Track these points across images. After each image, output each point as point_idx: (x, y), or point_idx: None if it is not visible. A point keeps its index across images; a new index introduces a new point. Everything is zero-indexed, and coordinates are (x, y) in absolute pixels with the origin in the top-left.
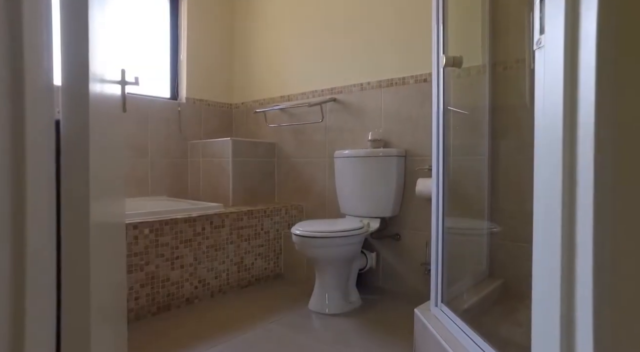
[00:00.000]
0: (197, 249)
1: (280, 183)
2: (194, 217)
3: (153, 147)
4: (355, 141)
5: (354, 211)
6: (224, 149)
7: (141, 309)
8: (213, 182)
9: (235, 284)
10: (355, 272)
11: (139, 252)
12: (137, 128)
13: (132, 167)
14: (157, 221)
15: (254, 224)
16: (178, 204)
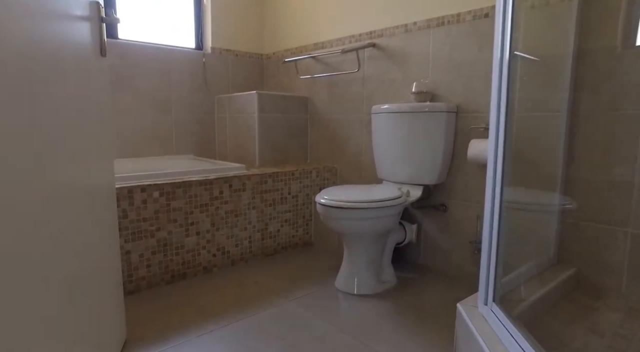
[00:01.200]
0: (214, 215)
1: (313, 142)
2: (210, 179)
3: (177, 103)
4: (397, 94)
5: (393, 176)
6: (249, 104)
7: (153, 277)
8: (240, 140)
9: (259, 252)
10: (391, 247)
11: (148, 217)
12: (158, 82)
13: (155, 124)
14: (168, 184)
15: (279, 188)
16: (196, 164)
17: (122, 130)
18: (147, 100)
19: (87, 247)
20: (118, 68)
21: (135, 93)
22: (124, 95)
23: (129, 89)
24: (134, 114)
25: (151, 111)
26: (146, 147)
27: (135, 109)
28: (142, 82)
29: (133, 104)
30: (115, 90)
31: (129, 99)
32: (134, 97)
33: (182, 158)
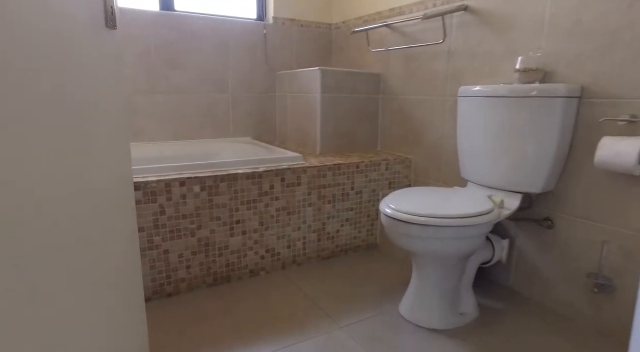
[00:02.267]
0: (263, 212)
1: (384, 127)
2: (259, 172)
3: (234, 80)
4: (494, 72)
5: (482, 177)
6: (311, 82)
7: (194, 279)
8: (301, 123)
9: (314, 255)
10: (474, 268)
11: (188, 214)
12: (215, 57)
13: (210, 103)
14: (211, 177)
15: (341, 182)
16: (249, 150)
17: (175, 110)
18: (202, 77)
19: (88, 253)
20: (173, 42)
21: (190, 69)
22: (178, 71)
23: (184, 65)
24: (188, 92)
25: (207, 89)
26: (201, 128)
27: (190, 87)
28: (198, 57)
29: (188, 81)
30: (168, 66)
31: (183, 76)
32: (189, 74)
33: (238, 142)
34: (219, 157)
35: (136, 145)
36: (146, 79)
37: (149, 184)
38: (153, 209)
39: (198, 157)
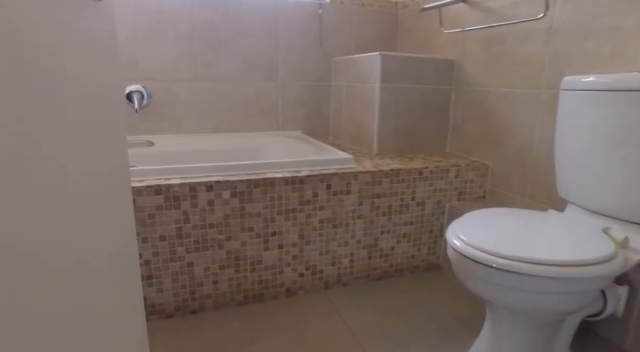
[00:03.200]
0: (304, 224)
1: (456, 125)
2: (301, 177)
3: (285, 67)
4: (618, 55)
5: (591, 200)
6: (370, 70)
7: (222, 296)
8: (357, 117)
9: (364, 274)
10: (575, 324)
11: (215, 223)
12: (263, 41)
13: (258, 92)
14: (243, 181)
15: (399, 191)
16: (293, 147)
17: (219, 100)
18: (249, 64)
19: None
20: (217, 25)
21: (236, 55)
22: (223, 57)
23: (229, 51)
24: (233, 80)
25: (254, 77)
26: (246, 121)
27: (236, 75)
28: (245, 41)
29: (233, 68)
30: (212, 52)
31: (228, 62)
32: (234, 60)
33: (285, 136)
34: (264, 153)
35: (176, 137)
36: (188, 65)
37: (172, 187)
38: (176, 216)
39: (240, 152)
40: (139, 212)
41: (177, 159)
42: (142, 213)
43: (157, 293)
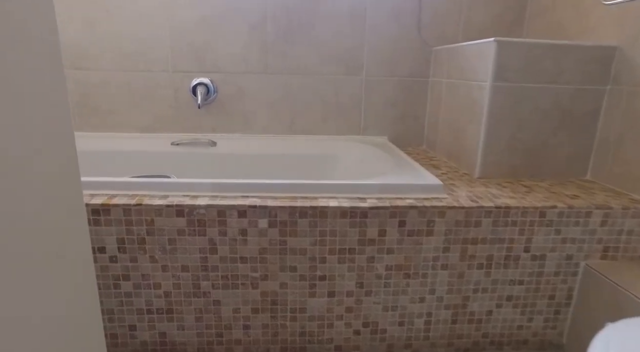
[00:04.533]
0: (365, 269)
1: (607, 144)
2: (364, 208)
3: (371, 58)
4: None
5: None
6: (479, 62)
7: (254, 344)
8: (456, 124)
9: (444, 342)
10: None
11: (249, 257)
12: (346, 27)
13: (337, 88)
14: (285, 208)
15: (507, 237)
16: (370, 159)
17: (293, 96)
18: (329, 54)
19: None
20: (293, 10)
21: (314, 45)
22: (299, 47)
23: (306, 39)
24: (309, 74)
25: (333, 71)
26: (322, 121)
27: (312, 67)
28: (324, 28)
29: (309, 60)
30: (286, 40)
31: (304, 53)
32: (312, 50)
33: (366, 143)
34: (335, 163)
35: (241, 138)
36: (258, 56)
37: (196, 209)
38: (201, 243)
39: (306, 161)
40: (158, 235)
41: (235, 163)
42: (161, 237)
43: (179, 330)
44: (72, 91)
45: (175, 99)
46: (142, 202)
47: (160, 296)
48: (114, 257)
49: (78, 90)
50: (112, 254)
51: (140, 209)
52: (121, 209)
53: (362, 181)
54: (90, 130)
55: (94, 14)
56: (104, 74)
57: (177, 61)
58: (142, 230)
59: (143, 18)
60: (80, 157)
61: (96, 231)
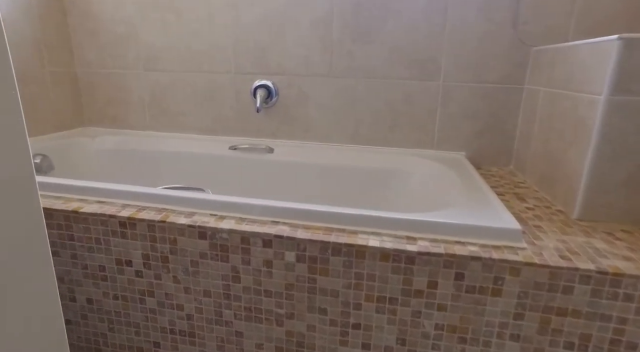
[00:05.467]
0: (408, 324)
1: None
2: (411, 253)
3: (451, 60)
4: None
5: None
6: (591, 68)
7: None
8: (553, 146)
9: None
10: None
11: (273, 291)
12: (423, 24)
13: (409, 94)
14: (316, 242)
15: (614, 315)
16: (440, 181)
17: (358, 101)
18: (401, 55)
19: None
20: (363, 5)
21: (385, 43)
22: (367, 47)
23: (376, 39)
24: (378, 77)
25: (405, 74)
26: (389, 131)
27: (381, 70)
28: (397, 25)
29: (379, 61)
30: (354, 39)
31: (373, 53)
32: (382, 50)
33: (438, 160)
34: (395, 180)
35: (301, 145)
36: (322, 57)
37: (219, 233)
38: (224, 270)
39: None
40: (181, 255)
41: (290, 173)
42: (184, 258)
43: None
44: (145, 92)
45: (237, 101)
46: (166, 219)
47: (183, 318)
48: (140, 272)
49: (150, 91)
50: (138, 269)
51: (164, 227)
52: (146, 224)
53: (413, 215)
54: (160, 129)
55: (166, 15)
56: (173, 75)
57: (240, 62)
58: (166, 248)
59: (211, 18)
60: (141, 157)
61: (124, 243)
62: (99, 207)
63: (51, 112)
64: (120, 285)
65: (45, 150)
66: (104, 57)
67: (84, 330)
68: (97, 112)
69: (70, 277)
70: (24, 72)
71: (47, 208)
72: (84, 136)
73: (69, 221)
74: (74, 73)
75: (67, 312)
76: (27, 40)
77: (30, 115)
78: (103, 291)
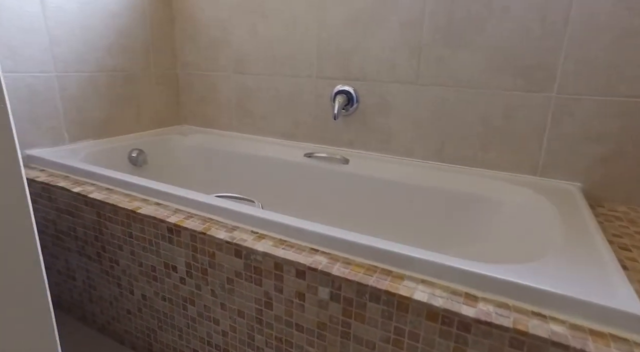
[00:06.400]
0: None
1: None
2: (465, 318)
3: (571, 68)
4: None
5: None
6: None
7: None
8: None
9: None
10: None
11: (305, 326)
12: (530, 25)
13: (506, 109)
14: (352, 282)
15: None
16: (534, 229)
17: (448, 114)
18: (503, 62)
19: None
20: (458, 6)
21: (483, 49)
22: (463, 52)
23: (472, 42)
24: (472, 88)
25: (506, 84)
26: (482, 151)
27: (478, 79)
28: (499, 26)
29: (476, 68)
30: (447, 43)
31: (469, 59)
32: (479, 55)
33: (539, 191)
34: (481, 210)
35: (379, 158)
36: (409, 62)
37: (253, 254)
38: (257, 293)
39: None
40: (219, 270)
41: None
42: (221, 273)
43: None
44: (233, 94)
45: (316, 107)
46: (207, 231)
47: (219, 333)
48: (184, 279)
49: (237, 93)
50: (182, 276)
51: (205, 239)
52: (189, 233)
53: (480, 265)
54: (244, 131)
55: (255, 20)
56: (258, 79)
57: (322, 66)
58: (205, 261)
59: (295, 20)
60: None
61: (170, 248)
62: (154, 209)
63: (153, 110)
64: (168, 288)
65: (142, 145)
66: (200, 60)
67: (140, 322)
68: (192, 111)
69: (130, 271)
70: (134, 74)
71: (112, 205)
72: (178, 134)
73: (129, 219)
74: (175, 74)
75: (127, 303)
76: (138, 45)
77: (135, 112)
78: (154, 290)
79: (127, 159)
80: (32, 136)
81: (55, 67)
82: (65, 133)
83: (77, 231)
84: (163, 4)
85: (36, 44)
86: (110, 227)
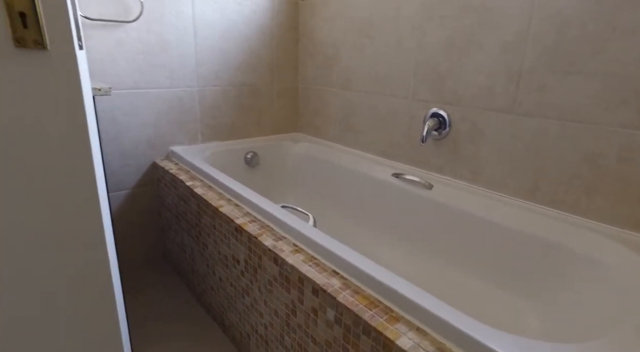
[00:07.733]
0: None
1: None
2: None
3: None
4: None
5: None
6: None
7: None
8: None
9: None
10: None
11: (317, 339)
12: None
13: (622, 149)
14: (350, 311)
15: None
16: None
17: (545, 150)
18: (622, 92)
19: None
20: (570, 25)
21: (597, 77)
22: (569, 80)
23: (583, 69)
24: (578, 122)
25: (622, 119)
26: (586, 198)
27: (585, 112)
28: (623, 51)
29: (583, 100)
30: (552, 70)
31: (575, 89)
32: (589, 85)
33: None
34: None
35: (466, 188)
36: (506, 89)
37: (285, 264)
38: (286, 300)
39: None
40: (263, 272)
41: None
42: (265, 275)
43: None
44: (339, 108)
45: (409, 128)
46: (259, 236)
47: (263, 325)
48: (243, 272)
49: (343, 108)
50: (242, 269)
51: (256, 242)
52: (247, 236)
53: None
54: (345, 144)
55: (362, 40)
56: (361, 96)
57: (417, 88)
58: (256, 261)
59: (399, 42)
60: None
61: (235, 244)
62: (231, 209)
63: (272, 119)
64: (233, 276)
65: (257, 148)
66: (317, 75)
67: (217, 299)
68: (307, 121)
69: (213, 256)
70: (258, 88)
71: (206, 200)
72: (291, 141)
73: (214, 214)
74: (296, 87)
75: (211, 281)
76: (264, 64)
77: (256, 120)
78: (226, 275)
79: (243, 159)
80: (176, 136)
81: (197, 82)
82: (200, 135)
83: (187, 216)
84: (290, 27)
85: (187, 66)
86: (204, 218)
